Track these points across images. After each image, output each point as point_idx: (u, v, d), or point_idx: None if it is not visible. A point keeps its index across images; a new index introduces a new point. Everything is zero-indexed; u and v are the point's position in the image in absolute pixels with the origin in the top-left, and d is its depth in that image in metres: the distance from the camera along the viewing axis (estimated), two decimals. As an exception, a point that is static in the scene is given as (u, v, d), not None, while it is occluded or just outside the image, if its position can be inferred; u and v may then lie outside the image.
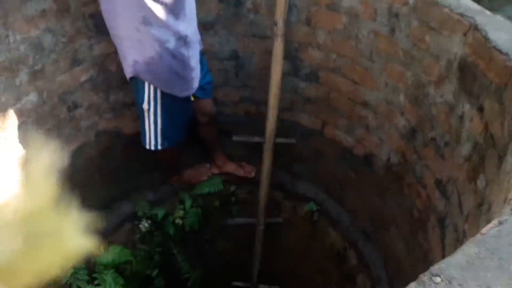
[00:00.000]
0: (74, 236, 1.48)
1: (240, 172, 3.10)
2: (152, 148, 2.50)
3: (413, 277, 2.22)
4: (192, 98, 2.50)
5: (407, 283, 2.33)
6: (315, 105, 2.75)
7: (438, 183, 1.98)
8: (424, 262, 2.12)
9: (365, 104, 2.43)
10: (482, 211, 1.50)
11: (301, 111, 2.85)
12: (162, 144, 2.49)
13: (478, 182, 1.58)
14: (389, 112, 2.30)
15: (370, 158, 2.56)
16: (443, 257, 1.88)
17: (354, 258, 2.85)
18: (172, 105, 2.35)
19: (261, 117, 2.89)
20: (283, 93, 2.67)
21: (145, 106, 2.31)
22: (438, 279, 0.81)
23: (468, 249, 0.88)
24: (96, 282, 2.60)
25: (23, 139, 2.14)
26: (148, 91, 2.27)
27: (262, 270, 3.30)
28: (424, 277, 0.82)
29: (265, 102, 2.70)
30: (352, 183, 2.80)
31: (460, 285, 0.80)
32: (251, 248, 3.23)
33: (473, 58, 1.63)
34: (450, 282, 0.81)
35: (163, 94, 2.29)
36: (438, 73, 1.87)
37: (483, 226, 1.45)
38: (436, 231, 2.00)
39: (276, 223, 3.17)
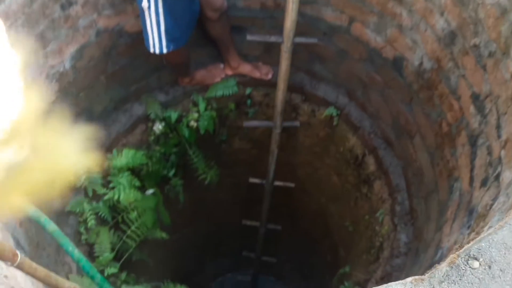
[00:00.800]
0: (72, 151, 1.39)
1: (256, 74, 2.87)
2: (157, 51, 2.27)
3: (435, 190, 2.10)
4: (198, -8, 2.20)
5: (428, 195, 2.21)
6: (341, -2, 2.40)
7: (475, 98, 1.76)
8: (448, 178, 1.99)
9: None
10: (526, 142, 1.31)
11: (325, 4, 2.51)
12: (167, 47, 2.25)
13: (526, 106, 1.36)
14: (427, 11, 1.98)
15: (400, 62, 2.30)
16: (471, 178, 1.75)
17: (373, 164, 2.75)
18: (175, 0, 2.06)
19: (279, 11, 2.58)
20: (305, -16, 2.32)
21: (144, 3, 2.03)
22: (475, 264, 0.66)
23: (515, 222, 0.72)
24: (111, 185, 2.60)
25: (15, 43, 1.94)
26: (146, -14, 1.97)
27: (278, 168, 3.27)
28: (459, 259, 0.68)
29: (283, -6, 2.36)
30: (377, 87, 2.57)
31: (501, 270, 0.66)
32: (267, 148, 3.15)
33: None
34: (489, 267, 0.67)
35: (164, -12, 2.00)
36: (494, -34, 1.52)
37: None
38: (466, 149, 1.83)
39: (294, 126, 3.03)
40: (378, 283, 2.32)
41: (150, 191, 2.89)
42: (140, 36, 2.45)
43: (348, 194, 3.05)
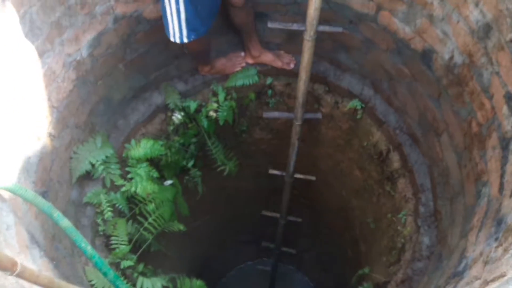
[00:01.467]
0: None
1: (278, 63, 2.77)
2: (177, 41, 2.21)
3: (462, 193, 1.97)
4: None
5: (453, 197, 2.08)
6: (368, -15, 2.26)
7: (509, 98, 1.62)
8: (476, 182, 1.87)
9: (431, -12, 1.94)
10: None
11: (351, -9, 2.38)
12: (188, 37, 2.19)
13: None
14: (460, 0, 1.83)
15: (429, 55, 2.15)
16: (500, 184, 1.62)
17: (398, 161, 2.63)
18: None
19: (303, -3, 2.46)
20: (330, -30, 2.19)
21: (162, -10, 1.97)
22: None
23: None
24: (128, 176, 2.58)
25: (30, 31, 1.92)
26: (164, -28, 1.90)
27: (299, 160, 3.18)
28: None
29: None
30: (404, 80, 2.43)
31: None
32: (288, 138, 3.06)
33: None
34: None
35: (183, -27, 1.92)
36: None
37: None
38: (496, 152, 1.70)
39: (316, 118, 2.93)
40: (398, 286, 2.24)
41: (169, 182, 2.87)
42: (159, 23, 2.39)
43: (370, 190, 2.95)
